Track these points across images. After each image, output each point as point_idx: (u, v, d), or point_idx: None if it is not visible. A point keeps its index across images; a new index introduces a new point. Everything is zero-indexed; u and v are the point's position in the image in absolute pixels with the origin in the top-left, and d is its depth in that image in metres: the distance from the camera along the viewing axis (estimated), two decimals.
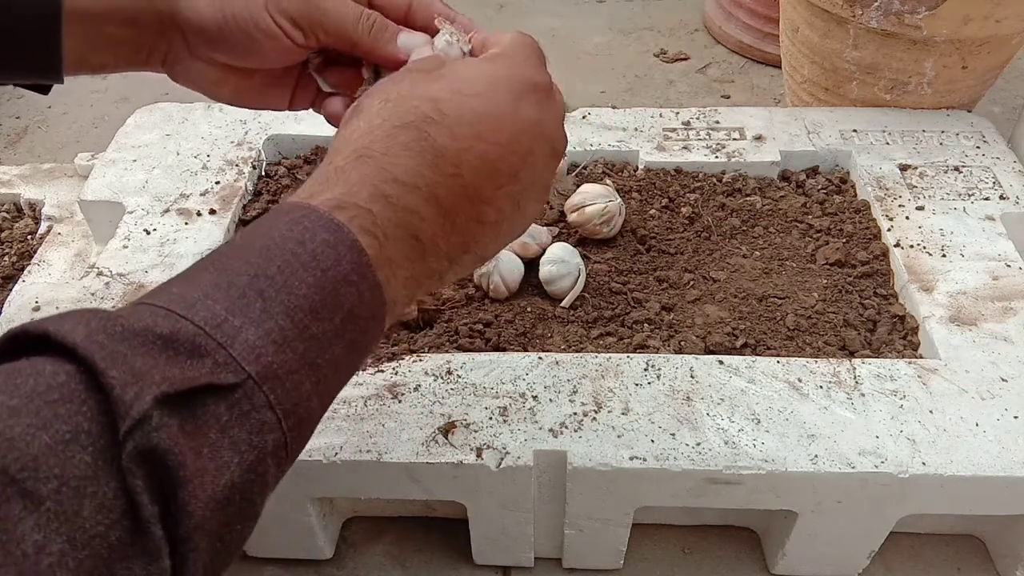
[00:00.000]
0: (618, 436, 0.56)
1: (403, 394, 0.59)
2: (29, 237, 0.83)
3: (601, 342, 0.65)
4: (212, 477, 0.27)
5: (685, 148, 0.82)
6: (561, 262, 0.68)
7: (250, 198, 0.79)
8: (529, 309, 0.68)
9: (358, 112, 0.37)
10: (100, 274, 0.69)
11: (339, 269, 0.32)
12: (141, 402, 0.25)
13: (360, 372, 0.61)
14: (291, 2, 0.42)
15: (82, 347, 0.26)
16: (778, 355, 0.63)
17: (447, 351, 0.64)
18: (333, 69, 0.48)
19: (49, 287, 0.69)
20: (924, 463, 0.54)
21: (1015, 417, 0.57)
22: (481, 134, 0.36)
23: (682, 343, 0.65)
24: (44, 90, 0.48)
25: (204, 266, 0.31)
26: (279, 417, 0.29)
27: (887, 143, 0.82)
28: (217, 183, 0.78)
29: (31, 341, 0.27)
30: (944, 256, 0.69)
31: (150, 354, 0.27)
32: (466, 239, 0.38)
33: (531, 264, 0.71)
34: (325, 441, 0.56)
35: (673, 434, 0.56)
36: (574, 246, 0.72)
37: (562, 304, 0.68)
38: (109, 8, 0.43)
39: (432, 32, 0.45)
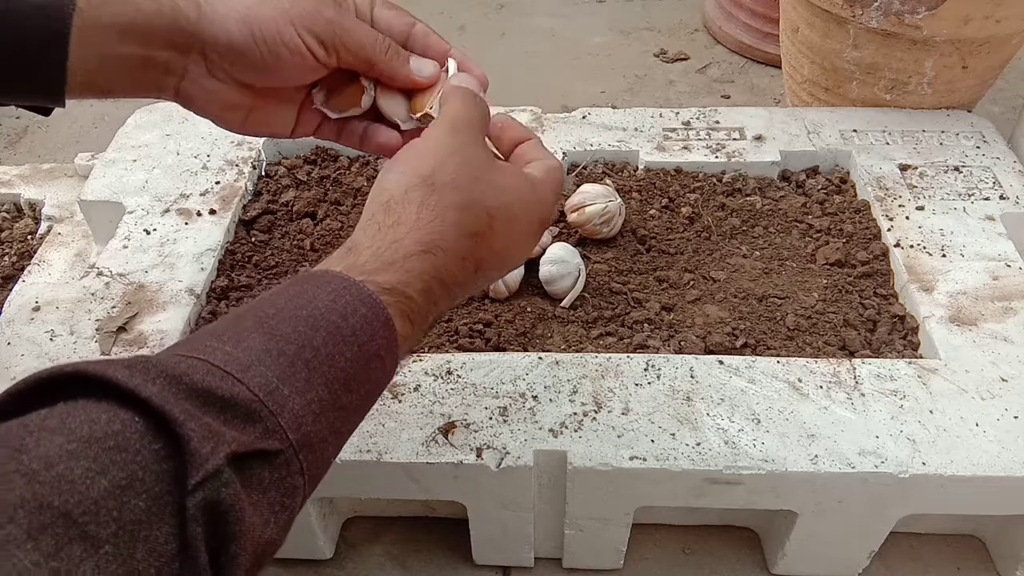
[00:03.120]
0: (618, 436, 0.56)
1: (403, 394, 0.59)
2: (29, 237, 0.83)
3: (601, 342, 0.65)
4: (258, 532, 0.29)
5: (685, 148, 0.82)
6: (561, 262, 0.68)
7: (250, 198, 0.79)
8: (529, 309, 0.68)
9: (434, 191, 0.40)
10: (100, 274, 0.69)
11: (373, 345, 0.35)
12: (216, 457, 0.27)
13: None
14: (316, 22, 0.44)
15: (157, 400, 0.27)
16: (778, 355, 0.63)
17: (447, 351, 0.64)
18: (335, 99, 0.50)
19: (49, 287, 0.69)
20: (924, 463, 0.54)
21: (1015, 417, 0.57)
22: (503, 248, 0.43)
23: (682, 343, 0.65)
24: (45, 112, 0.48)
25: (251, 326, 0.33)
26: (305, 481, 0.32)
27: (887, 143, 0.82)
28: (217, 183, 0.78)
29: (81, 381, 0.28)
30: (944, 256, 0.69)
31: (213, 414, 0.29)
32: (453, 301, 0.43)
33: (531, 264, 0.71)
34: None
35: (673, 434, 0.56)
36: (574, 246, 0.72)
37: (562, 304, 0.68)
38: (128, 23, 0.43)
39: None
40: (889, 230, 0.72)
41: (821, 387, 0.59)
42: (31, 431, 0.26)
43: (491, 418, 0.58)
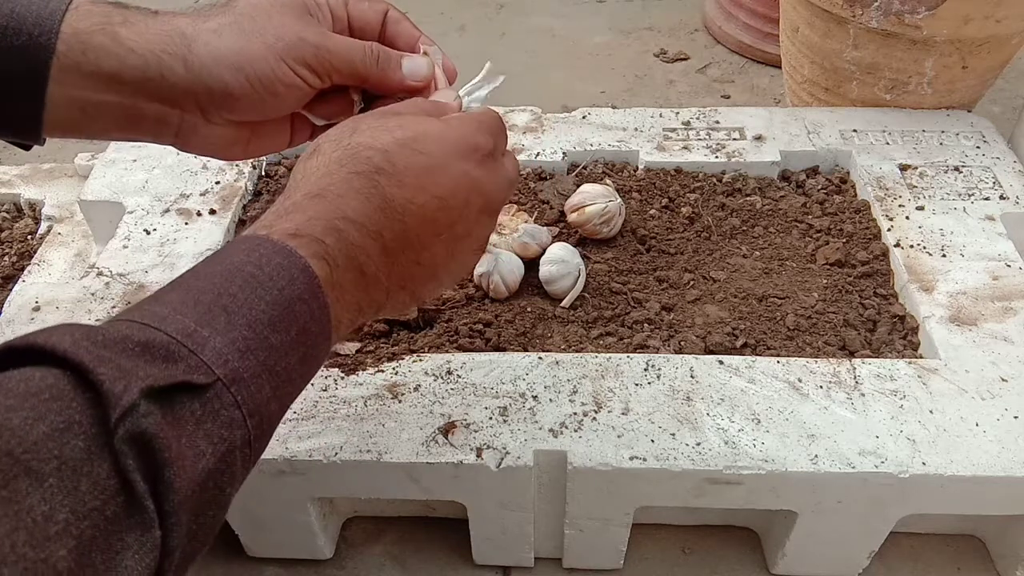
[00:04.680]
0: (618, 436, 0.56)
1: (403, 394, 0.59)
2: (29, 237, 0.83)
3: (601, 342, 0.65)
4: (191, 462, 0.30)
5: (685, 148, 0.82)
6: (561, 262, 0.68)
7: (250, 198, 0.79)
8: (529, 309, 0.68)
9: (317, 153, 0.41)
10: (100, 274, 0.69)
11: (293, 289, 0.35)
12: (129, 393, 0.28)
13: (360, 372, 0.61)
14: (304, 50, 0.44)
15: (71, 352, 0.29)
16: (778, 355, 0.63)
17: (447, 351, 0.64)
18: (320, 104, 0.50)
19: (49, 287, 0.69)
20: (924, 463, 0.54)
21: (1015, 417, 0.57)
22: (424, 187, 0.40)
23: (682, 343, 0.65)
24: (25, 147, 0.47)
25: (170, 288, 0.35)
26: (244, 415, 0.33)
27: (887, 143, 0.82)
28: (217, 183, 0.78)
29: (15, 356, 0.30)
30: (944, 256, 0.69)
31: (131, 357, 0.30)
32: (404, 277, 0.42)
33: (531, 264, 0.71)
34: (325, 441, 0.56)
35: (673, 434, 0.56)
36: (574, 246, 0.72)
37: (562, 304, 0.68)
38: (111, 74, 0.42)
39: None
40: (889, 230, 0.72)
41: (821, 387, 0.59)
42: None
43: (491, 418, 0.58)
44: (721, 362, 0.61)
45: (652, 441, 0.56)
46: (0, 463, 0.25)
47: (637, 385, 0.60)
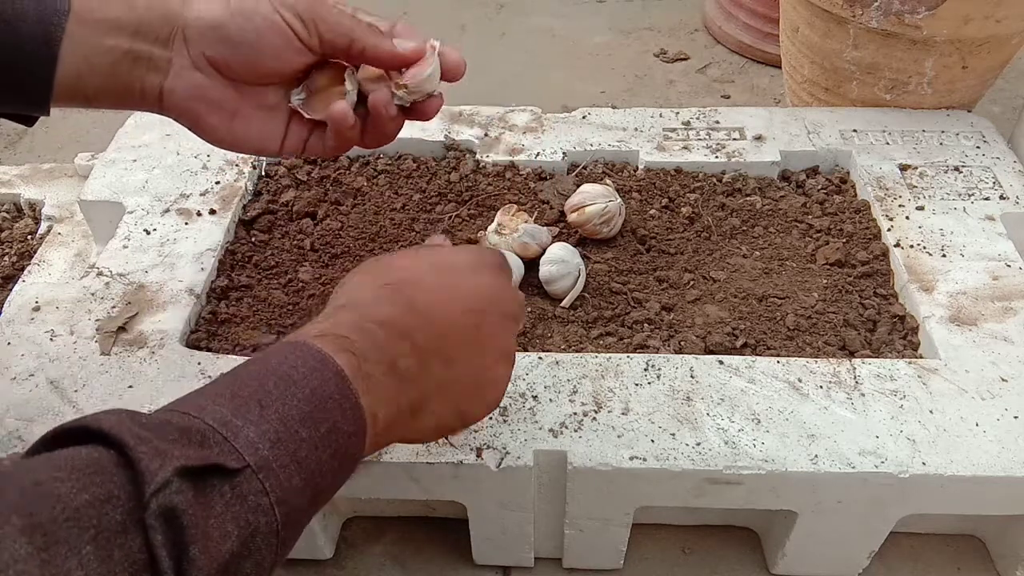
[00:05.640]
0: (618, 436, 0.56)
1: None
2: (29, 237, 0.83)
3: (601, 342, 0.65)
4: (217, 542, 0.31)
5: (685, 148, 0.82)
6: (561, 262, 0.68)
7: (250, 198, 0.79)
8: (529, 309, 0.68)
9: (359, 272, 0.45)
10: (100, 274, 0.69)
11: (324, 389, 0.38)
12: (164, 471, 0.30)
13: None
14: (297, 1, 0.47)
15: (115, 431, 0.31)
16: (778, 355, 0.63)
17: None
18: (313, 101, 0.52)
19: (49, 287, 0.69)
20: (924, 463, 0.54)
21: (1015, 417, 0.57)
22: (449, 298, 0.44)
23: (682, 343, 0.65)
24: (29, 121, 0.49)
25: (213, 384, 0.37)
26: (271, 503, 0.34)
27: (887, 143, 0.82)
28: (217, 183, 0.78)
29: (72, 436, 0.32)
30: (944, 256, 0.69)
31: (168, 439, 0.32)
32: (442, 384, 0.44)
33: (531, 264, 0.71)
34: None
35: (673, 434, 0.56)
36: (574, 246, 0.72)
37: (562, 304, 0.68)
38: (116, 18, 0.45)
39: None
40: (889, 230, 0.72)
41: (821, 387, 0.59)
42: (25, 466, 0.30)
43: (491, 418, 0.58)
44: (721, 362, 0.61)
45: (652, 441, 0.56)
46: (44, 527, 0.27)
47: (637, 385, 0.60)
